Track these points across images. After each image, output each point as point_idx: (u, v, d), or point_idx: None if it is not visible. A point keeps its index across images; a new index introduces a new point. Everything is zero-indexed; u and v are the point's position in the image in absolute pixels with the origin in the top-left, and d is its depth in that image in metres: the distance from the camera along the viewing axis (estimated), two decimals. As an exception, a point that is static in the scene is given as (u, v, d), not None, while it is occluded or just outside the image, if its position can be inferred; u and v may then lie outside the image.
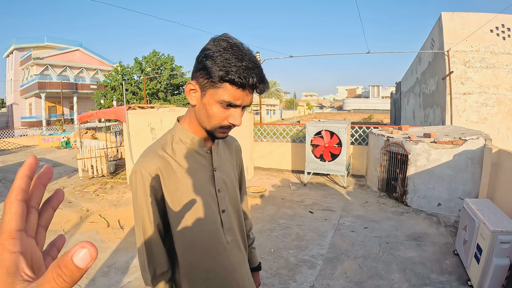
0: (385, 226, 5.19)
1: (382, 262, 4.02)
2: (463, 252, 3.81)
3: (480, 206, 3.76)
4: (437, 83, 9.81)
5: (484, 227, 3.32)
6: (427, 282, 3.55)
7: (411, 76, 15.08)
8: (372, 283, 3.54)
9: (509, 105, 8.70)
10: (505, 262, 3.14)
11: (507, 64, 8.64)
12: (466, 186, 5.53)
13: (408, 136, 6.31)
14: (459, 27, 8.70)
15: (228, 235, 1.20)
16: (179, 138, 1.14)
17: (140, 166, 1.07)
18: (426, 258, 4.09)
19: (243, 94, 0.99)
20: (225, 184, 1.21)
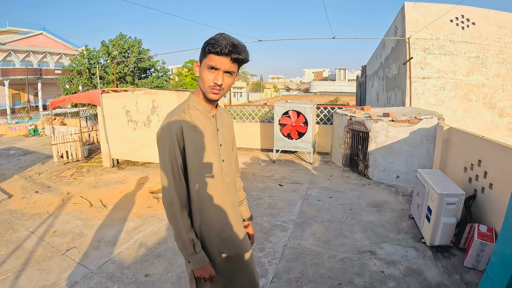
0: (348, 195, 5.67)
1: (346, 224, 4.48)
2: (417, 215, 4.32)
3: (430, 175, 4.26)
4: (399, 68, 10.40)
5: (433, 191, 3.80)
6: (385, 240, 4.03)
7: (376, 61, 15.70)
8: (338, 242, 3.98)
9: (465, 90, 9.46)
10: (452, 220, 3.64)
11: (464, 52, 9.34)
12: (421, 160, 6.10)
13: (369, 115, 6.77)
14: (420, 16, 9.25)
15: (226, 179, 1.64)
16: (193, 105, 1.56)
17: (168, 123, 1.46)
18: (385, 221, 4.58)
19: (221, 60, 1.39)
20: (225, 141, 1.66)
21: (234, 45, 1.39)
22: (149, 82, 20.29)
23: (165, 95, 6.63)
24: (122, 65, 19.10)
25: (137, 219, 4.71)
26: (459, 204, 3.68)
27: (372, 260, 3.55)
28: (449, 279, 3.21)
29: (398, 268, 3.40)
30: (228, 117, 1.82)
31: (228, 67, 1.42)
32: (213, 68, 1.41)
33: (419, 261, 3.53)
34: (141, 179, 6.72)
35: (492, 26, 9.39)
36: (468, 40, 9.34)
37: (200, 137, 1.52)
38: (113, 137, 7.47)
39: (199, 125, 1.53)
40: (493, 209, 3.73)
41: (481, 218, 3.96)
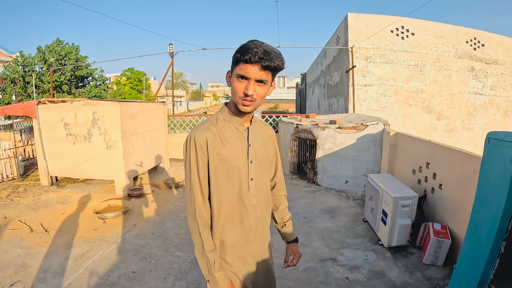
0: (301, 203, 5.63)
1: (303, 233, 4.41)
2: (371, 218, 4.39)
3: (382, 179, 4.36)
4: (341, 76, 10.78)
5: (387, 195, 3.88)
6: (344, 245, 4.02)
7: (316, 68, 16.18)
8: (297, 251, 3.90)
9: (405, 95, 10.07)
10: (408, 222, 3.74)
11: (404, 60, 9.97)
12: (369, 164, 6.29)
13: (315, 123, 6.86)
14: (363, 27, 9.70)
15: (252, 199, 1.49)
16: (223, 117, 1.46)
17: (194, 134, 1.39)
18: (341, 227, 4.59)
19: (251, 68, 1.26)
20: (256, 157, 1.51)
21: (266, 52, 1.26)
22: (86, 91, 19.07)
23: (107, 106, 6.15)
24: (58, 73, 17.77)
25: (83, 243, 4.18)
26: (413, 205, 3.79)
27: (335, 267, 3.50)
28: (412, 277, 3.28)
29: (362, 272, 3.39)
30: (266, 131, 1.66)
31: (259, 76, 1.29)
32: (243, 78, 1.30)
33: (380, 263, 3.56)
34: (83, 197, 6.11)
35: (430, 36, 10.12)
36: (407, 49, 9.97)
37: (226, 152, 1.42)
38: (51, 152, 6.74)
39: (228, 139, 1.43)
40: (445, 208, 3.89)
41: (433, 217, 4.12)
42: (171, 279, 3.30)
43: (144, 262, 3.65)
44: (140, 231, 4.55)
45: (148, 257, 3.78)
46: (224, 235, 1.48)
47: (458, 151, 3.70)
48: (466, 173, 3.48)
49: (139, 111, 6.85)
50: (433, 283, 3.19)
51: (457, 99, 10.50)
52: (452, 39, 10.30)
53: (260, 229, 1.56)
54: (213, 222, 1.47)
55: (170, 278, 3.32)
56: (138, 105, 6.86)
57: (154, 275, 3.39)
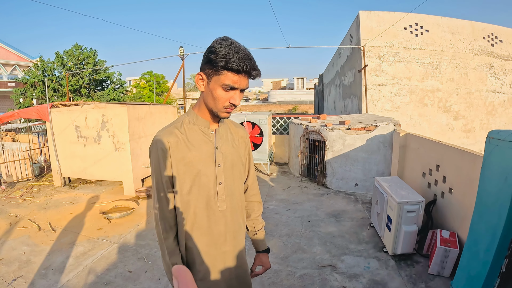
0: (306, 207, 5.44)
1: (305, 238, 4.22)
2: (377, 224, 4.16)
3: (389, 183, 4.13)
4: (354, 75, 10.50)
5: (392, 200, 3.65)
6: (346, 252, 3.81)
7: (332, 69, 15.90)
8: (297, 257, 3.71)
9: (420, 95, 9.67)
10: (413, 228, 3.50)
11: (418, 58, 9.56)
12: (379, 166, 6.03)
13: (325, 124, 6.66)
14: (375, 25, 9.38)
15: (221, 204, 1.42)
16: (189, 120, 1.40)
17: (156, 139, 1.35)
18: (345, 232, 4.38)
19: (240, 79, 1.23)
20: (225, 161, 1.43)
21: (251, 59, 1.23)
22: (105, 94, 19.40)
23: (114, 109, 6.24)
24: (77, 77, 18.16)
25: (86, 242, 4.28)
26: (419, 211, 3.56)
27: (333, 275, 3.30)
28: (414, 290, 3.05)
29: (361, 281, 3.18)
30: (238, 133, 1.57)
31: (246, 85, 1.29)
32: (231, 88, 1.25)
33: (382, 272, 3.34)
34: (92, 198, 6.21)
35: (445, 33, 9.70)
36: (422, 47, 9.57)
37: (191, 156, 1.36)
38: (63, 154, 6.96)
39: (193, 142, 1.38)
40: (454, 214, 3.63)
41: (443, 223, 3.86)
42: (165, 280, 3.29)
43: (142, 263, 3.67)
44: (142, 232, 4.56)
45: (146, 257, 3.79)
46: (192, 242, 1.41)
47: (468, 152, 3.44)
48: (476, 177, 3.23)
49: (147, 114, 6.89)
50: (436, 295, 2.96)
51: (475, 98, 10.00)
52: (468, 35, 9.84)
53: (232, 235, 1.47)
54: (179, 229, 1.41)
55: (164, 279, 3.32)
56: (146, 108, 6.89)
57: (149, 275, 3.41)
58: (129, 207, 5.44)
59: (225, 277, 1.46)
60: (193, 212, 1.38)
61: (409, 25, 9.45)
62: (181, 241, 1.41)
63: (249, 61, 1.21)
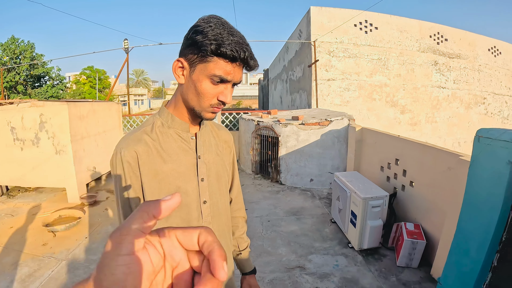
0: (264, 205, 5.30)
1: (267, 239, 4.08)
2: (340, 220, 4.14)
3: (349, 178, 4.12)
4: (303, 70, 10.60)
5: (355, 196, 3.64)
6: (312, 251, 3.73)
7: (279, 64, 15.98)
8: (262, 260, 3.54)
9: (368, 90, 10.05)
10: (379, 223, 3.51)
11: (367, 55, 9.92)
12: (334, 161, 6.08)
13: (277, 119, 6.57)
14: (325, 21, 9.54)
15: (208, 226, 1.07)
16: (162, 121, 1.09)
17: (120, 149, 1.03)
18: (307, 229, 4.31)
19: (234, 69, 0.95)
20: (210, 173, 1.15)
21: (248, 45, 0.95)
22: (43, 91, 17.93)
23: (54, 108, 5.55)
24: (13, 72, 16.55)
25: (31, 262, 3.64)
26: (383, 205, 3.57)
27: (303, 277, 3.19)
28: (387, 283, 3.05)
29: (332, 280, 3.11)
30: (221, 136, 1.28)
31: (239, 78, 0.99)
32: (221, 81, 0.95)
33: (352, 269, 3.30)
34: (33, 208, 5.43)
35: (393, 31, 10.15)
36: (371, 44, 9.93)
37: (167, 169, 1.05)
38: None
39: (168, 151, 1.06)
40: (417, 206, 3.70)
41: (405, 215, 3.93)
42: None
43: None
44: (92, 244, 4.05)
45: None
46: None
47: (429, 147, 3.51)
48: (439, 170, 3.29)
49: (90, 112, 6.26)
50: (409, 287, 2.98)
51: (421, 93, 10.64)
52: (415, 34, 10.40)
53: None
54: None
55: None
56: (89, 105, 6.28)
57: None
58: (74, 216, 4.88)
59: None
60: None
61: (359, 22, 9.73)
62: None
63: (247, 47, 0.94)
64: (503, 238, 1.65)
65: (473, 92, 11.61)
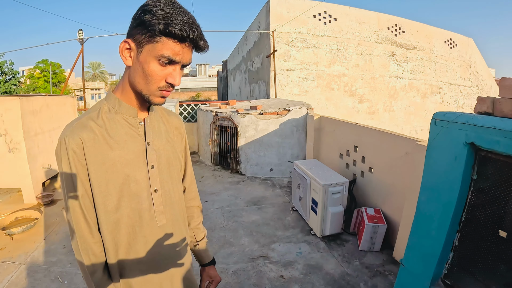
0: (224, 196, 5.24)
1: (229, 230, 4.02)
2: (301, 207, 4.16)
3: (308, 166, 4.14)
4: (262, 61, 10.57)
5: (315, 183, 3.66)
6: (275, 240, 3.72)
7: (238, 55, 15.86)
8: (225, 252, 3.48)
9: (327, 80, 10.21)
10: (339, 209, 3.56)
11: (326, 45, 10.06)
12: (293, 150, 6.11)
13: (236, 110, 6.51)
14: (285, 11, 9.53)
15: (160, 218, 1.10)
16: (109, 107, 1.04)
17: (64, 136, 0.97)
18: (269, 219, 4.30)
19: (183, 49, 0.92)
20: (160, 160, 1.11)
21: (198, 26, 0.92)
22: None
23: (5, 103, 5.11)
24: None
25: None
26: (343, 192, 3.63)
27: (267, 266, 3.17)
28: (350, 267, 3.11)
29: (297, 268, 3.12)
30: (172, 123, 1.23)
31: (189, 59, 0.96)
32: (170, 62, 0.91)
33: (315, 255, 3.33)
34: None
35: (352, 22, 10.35)
36: (329, 34, 10.07)
37: (114, 156, 1.00)
38: None
39: (116, 137, 1.01)
40: (377, 191, 3.80)
41: (365, 201, 4.02)
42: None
43: (56, 284, 3.01)
44: (50, 245, 3.78)
45: (60, 277, 3.13)
46: (128, 271, 1.06)
47: (387, 133, 3.59)
48: (396, 156, 3.38)
49: (44, 106, 5.85)
50: (372, 270, 3.06)
51: (379, 83, 10.99)
52: (374, 25, 10.68)
53: (177, 254, 1.17)
54: (109, 257, 1.05)
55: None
56: (42, 100, 5.85)
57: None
58: (31, 217, 4.56)
59: None
60: (126, 233, 1.04)
61: (318, 13, 9.83)
62: (114, 272, 1.06)
63: (197, 27, 0.91)
64: (462, 218, 1.69)
65: (429, 82, 12.18)
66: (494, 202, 1.71)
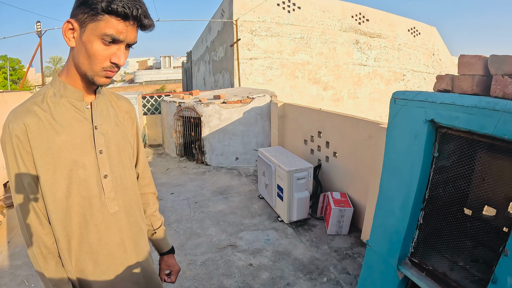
0: (190, 187, 5.14)
1: (196, 221, 3.94)
2: (267, 195, 4.14)
3: (273, 153, 4.13)
4: (226, 50, 10.42)
5: (280, 169, 3.65)
6: (242, 228, 3.68)
7: (201, 45, 15.58)
8: (192, 243, 3.40)
9: (291, 68, 10.20)
10: (306, 194, 3.57)
11: (290, 34, 10.01)
12: (258, 138, 6.09)
13: (199, 100, 6.39)
14: (248, 0, 9.39)
15: (111, 205, 1.05)
16: (54, 91, 0.99)
17: (7, 122, 0.93)
18: (236, 208, 4.26)
19: (127, 28, 0.88)
20: (109, 144, 1.06)
21: (143, 4, 0.89)
22: None
23: None
24: None
25: None
26: (308, 177, 3.64)
27: (236, 255, 3.13)
28: (319, 251, 3.14)
29: (265, 255, 3.10)
30: (121, 107, 1.17)
31: (134, 38, 0.92)
32: (113, 41, 0.88)
33: (283, 242, 3.33)
34: None
35: (316, 10, 10.33)
36: (293, 23, 10.02)
37: (60, 141, 0.95)
38: None
39: (61, 121, 0.96)
40: (341, 175, 3.83)
41: (331, 185, 4.05)
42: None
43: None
44: (15, 248, 3.52)
45: (26, 280, 2.94)
46: (82, 262, 1.02)
47: (350, 117, 3.62)
48: (360, 139, 3.41)
49: (1, 103, 5.49)
50: (341, 253, 3.10)
51: (343, 70, 11.11)
52: (337, 14, 10.74)
53: (132, 242, 1.12)
54: (61, 248, 0.99)
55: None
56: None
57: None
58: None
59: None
60: (77, 222, 0.99)
61: (282, 1, 9.75)
62: (67, 264, 1.00)
63: (141, 5, 0.87)
64: (426, 196, 1.70)
65: (393, 70, 12.45)
66: (457, 179, 1.73)
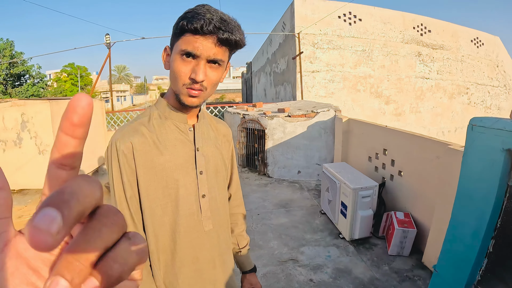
0: (252, 199, 5.28)
1: (258, 233, 4.06)
2: (329, 211, 4.16)
3: (338, 169, 4.13)
4: (287, 63, 10.58)
5: (345, 186, 3.65)
6: (303, 243, 3.74)
7: (262, 57, 15.91)
8: (255, 254, 3.52)
9: (353, 81, 10.11)
10: (369, 213, 3.54)
11: (351, 46, 9.97)
12: (321, 153, 6.10)
13: (263, 112, 6.54)
14: (309, 13, 9.53)
15: (206, 223, 1.10)
16: (159, 113, 1.05)
17: (115, 140, 0.98)
18: (297, 221, 4.32)
19: (202, 42, 0.88)
20: (208, 166, 1.10)
21: (223, 20, 0.87)
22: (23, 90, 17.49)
23: (36, 106, 5.41)
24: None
25: None
26: (373, 195, 3.60)
27: (296, 269, 3.20)
28: (379, 271, 3.09)
29: (326, 271, 3.13)
30: (220, 130, 1.24)
31: (214, 54, 0.90)
32: (189, 56, 0.89)
33: (344, 259, 3.33)
34: (18, 211, 5.21)
35: (377, 22, 10.22)
36: (355, 35, 9.98)
37: (164, 160, 1.00)
38: None
39: (165, 142, 1.02)
40: (406, 195, 3.75)
41: (395, 204, 3.97)
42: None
43: None
44: None
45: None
46: (172, 276, 1.07)
47: (417, 136, 3.55)
48: (427, 159, 3.33)
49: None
50: (401, 275, 3.02)
51: (405, 84, 10.77)
52: (399, 25, 10.50)
53: (221, 260, 1.17)
54: (153, 260, 1.04)
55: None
56: None
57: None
58: None
59: None
60: (172, 238, 1.04)
61: (343, 14, 9.76)
62: (157, 276, 1.05)
63: (219, 20, 0.86)
64: (497, 224, 1.67)
65: (456, 82, 11.81)
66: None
